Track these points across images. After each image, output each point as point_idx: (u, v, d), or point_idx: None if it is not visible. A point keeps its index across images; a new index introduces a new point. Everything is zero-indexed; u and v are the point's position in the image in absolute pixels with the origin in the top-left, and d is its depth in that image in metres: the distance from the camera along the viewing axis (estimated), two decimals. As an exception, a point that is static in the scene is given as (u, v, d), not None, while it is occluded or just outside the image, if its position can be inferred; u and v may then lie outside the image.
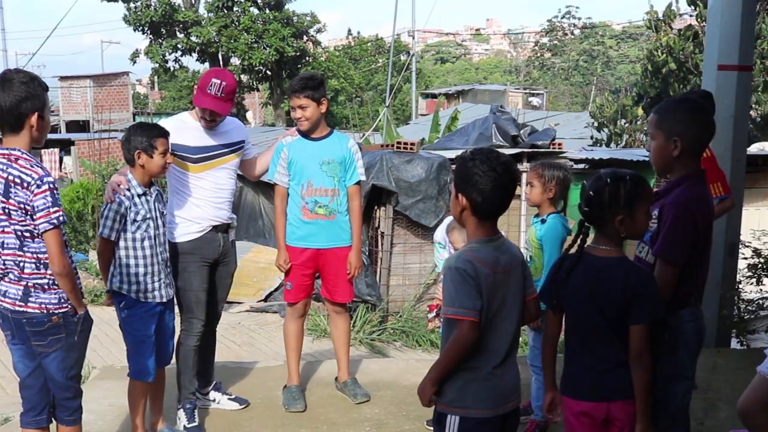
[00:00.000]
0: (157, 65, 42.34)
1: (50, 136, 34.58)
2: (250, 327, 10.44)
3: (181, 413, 5.19)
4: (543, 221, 4.92)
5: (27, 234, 3.84)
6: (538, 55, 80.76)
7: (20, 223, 3.83)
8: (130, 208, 4.65)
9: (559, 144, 11.93)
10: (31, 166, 3.81)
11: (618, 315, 3.31)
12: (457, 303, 3.14)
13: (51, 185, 3.79)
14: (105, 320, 8.31)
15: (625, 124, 21.59)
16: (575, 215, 3.75)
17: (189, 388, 5.25)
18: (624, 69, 69.63)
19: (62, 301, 3.93)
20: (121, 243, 4.67)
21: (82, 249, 15.38)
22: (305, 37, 42.70)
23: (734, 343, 7.43)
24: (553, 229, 4.82)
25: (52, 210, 3.77)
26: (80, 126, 39.92)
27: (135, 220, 4.66)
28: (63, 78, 44.49)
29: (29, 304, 3.89)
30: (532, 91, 54.64)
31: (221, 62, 40.30)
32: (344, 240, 5.58)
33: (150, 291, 4.73)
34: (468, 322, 3.12)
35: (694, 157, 3.65)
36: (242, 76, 41.06)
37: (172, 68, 42.94)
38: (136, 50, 42.56)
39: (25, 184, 3.77)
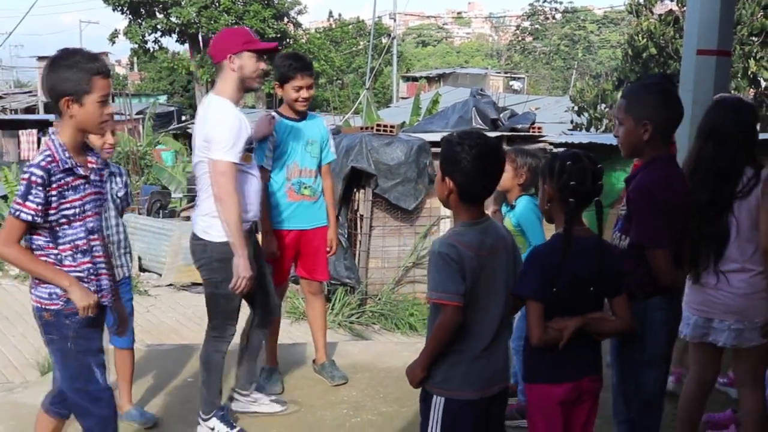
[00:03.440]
0: (136, 46, 42.05)
1: (28, 117, 34.27)
2: (228, 309, 10.41)
3: (215, 422, 4.77)
4: (513, 207, 4.90)
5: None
6: (520, 39, 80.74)
7: None
8: None
9: (539, 128, 11.94)
10: (39, 153, 3.54)
11: (606, 289, 3.37)
12: (441, 287, 3.14)
13: (30, 176, 3.45)
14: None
15: (605, 108, 21.61)
16: None
17: (216, 403, 4.83)
18: (605, 54, 69.77)
19: (53, 296, 3.57)
20: None
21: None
22: (286, 19, 42.53)
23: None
24: (527, 209, 4.77)
25: (17, 199, 3.47)
26: (58, 107, 39.62)
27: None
28: (41, 58, 43.94)
29: (32, 296, 3.65)
30: (513, 75, 54.70)
31: (201, 43, 40.06)
32: (324, 219, 5.61)
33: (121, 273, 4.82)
34: (451, 307, 3.13)
35: (663, 141, 3.65)
36: (222, 58, 40.82)
37: (151, 49, 42.65)
38: (115, 30, 42.23)
39: None
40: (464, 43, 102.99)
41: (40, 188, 3.42)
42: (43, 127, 28.35)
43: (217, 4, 39.35)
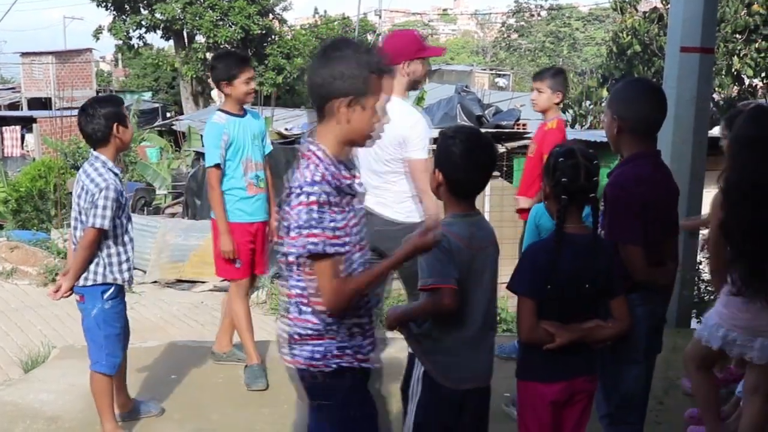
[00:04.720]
0: (120, 42, 41.73)
1: (11, 113, 34.07)
2: (213, 306, 10.35)
3: None
4: None
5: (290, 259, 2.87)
6: (505, 36, 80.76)
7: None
8: (121, 192, 4.44)
9: (524, 124, 11.97)
10: (304, 167, 2.81)
11: (603, 288, 3.35)
12: (435, 273, 3.13)
13: (309, 196, 2.70)
14: (68, 299, 8.21)
15: (589, 105, 21.65)
16: None
17: None
18: (590, 51, 69.84)
19: (315, 355, 2.92)
20: (110, 232, 4.43)
21: (44, 228, 15.18)
22: (271, 15, 42.35)
23: (694, 324, 7.50)
24: (529, 219, 4.68)
25: (302, 232, 2.72)
26: (42, 103, 39.43)
27: (121, 204, 4.47)
28: (24, 54, 43.79)
29: (290, 356, 3.04)
30: (498, 72, 54.67)
31: (186, 40, 39.89)
32: (267, 213, 5.72)
33: (132, 276, 4.65)
34: (449, 289, 3.11)
35: (639, 137, 3.64)
36: (207, 54, 40.68)
37: (136, 45, 42.36)
38: (100, 26, 41.91)
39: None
40: (450, 39, 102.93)
41: (326, 208, 2.73)
42: (26, 123, 28.18)
43: (201, 0, 39.16)
